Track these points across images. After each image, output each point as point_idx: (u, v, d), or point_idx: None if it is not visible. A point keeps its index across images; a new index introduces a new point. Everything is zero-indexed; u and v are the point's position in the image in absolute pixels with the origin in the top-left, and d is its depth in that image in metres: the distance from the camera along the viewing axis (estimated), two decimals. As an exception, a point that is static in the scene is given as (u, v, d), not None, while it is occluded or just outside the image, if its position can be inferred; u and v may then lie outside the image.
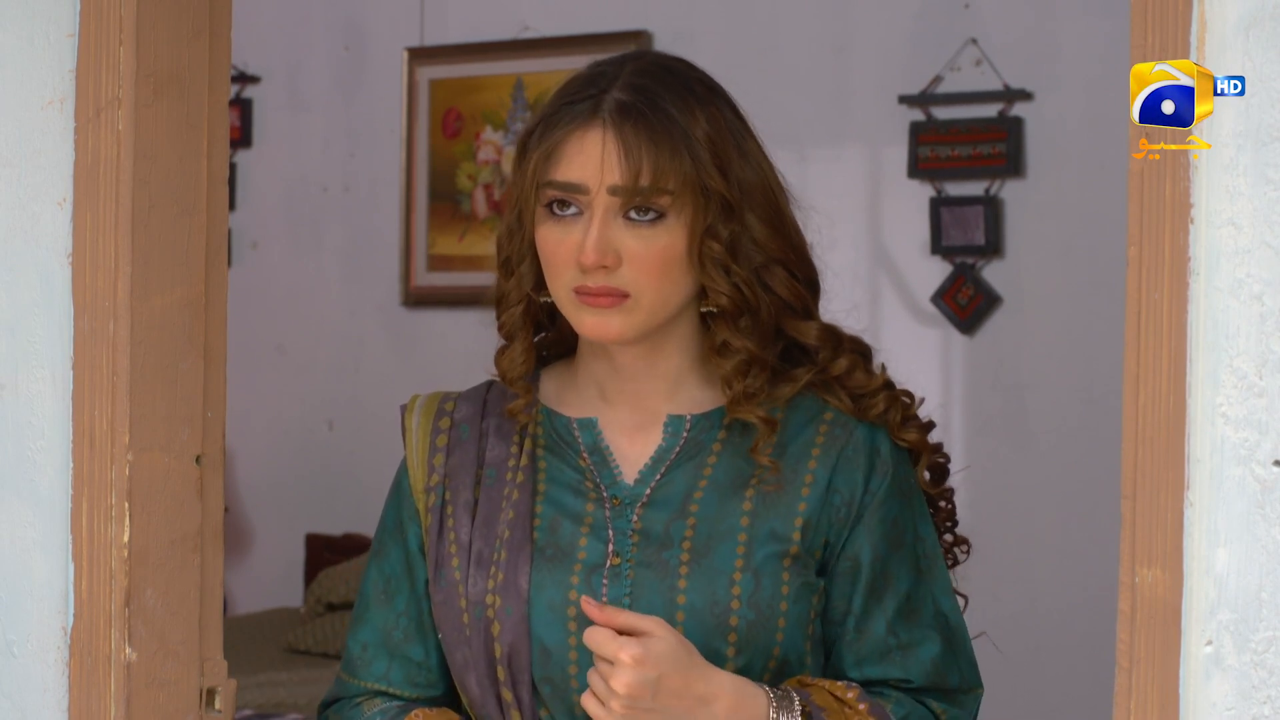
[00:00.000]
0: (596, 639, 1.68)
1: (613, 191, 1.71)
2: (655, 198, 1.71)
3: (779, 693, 1.72)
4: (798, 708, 1.71)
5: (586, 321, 1.75)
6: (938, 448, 1.87)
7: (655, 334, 1.78)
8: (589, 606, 1.69)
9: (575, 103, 1.74)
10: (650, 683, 1.66)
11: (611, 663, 1.67)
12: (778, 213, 1.79)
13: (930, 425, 1.87)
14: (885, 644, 1.79)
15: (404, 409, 1.90)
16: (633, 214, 1.72)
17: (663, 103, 1.73)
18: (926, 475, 1.87)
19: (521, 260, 1.81)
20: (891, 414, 1.83)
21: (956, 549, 1.93)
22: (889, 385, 1.84)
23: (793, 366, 1.84)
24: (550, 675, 1.76)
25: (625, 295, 1.73)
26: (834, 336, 1.84)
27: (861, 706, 1.74)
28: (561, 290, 1.76)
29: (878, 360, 1.88)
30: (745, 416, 1.78)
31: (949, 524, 1.92)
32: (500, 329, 1.85)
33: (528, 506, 1.80)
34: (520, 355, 1.83)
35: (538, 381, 1.88)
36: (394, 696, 1.86)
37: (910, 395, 1.86)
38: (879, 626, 1.78)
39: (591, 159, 1.72)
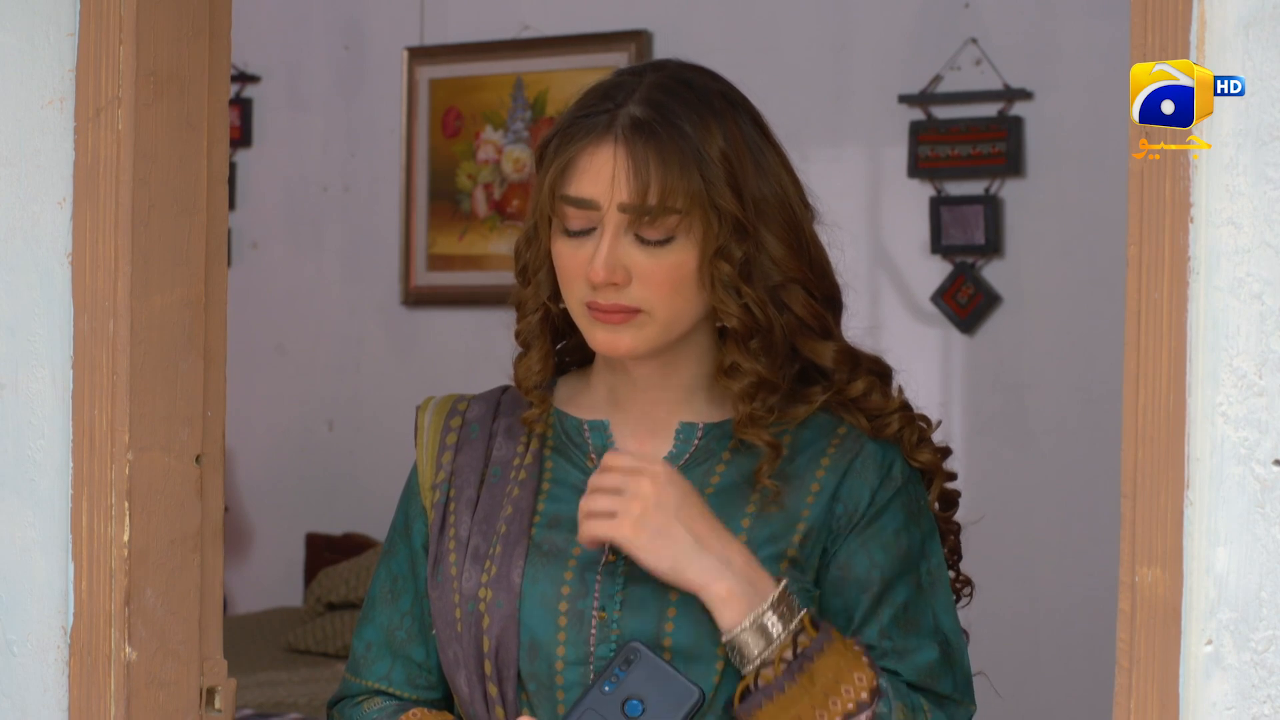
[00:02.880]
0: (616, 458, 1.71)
1: (622, 209, 1.70)
2: (663, 216, 1.70)
3: (786, 594, 1.70)
4: (799, 613, 1.69)
5: (598, 337, 1.75)
6: (951, 476, 1.86)
7: (670, 347, 1.78)
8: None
9: (592, 115, 1.73)
10: (676, 490, 1.69)
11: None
12: (796, 230, 1.76)
13: (946, 451, 1.85)
14: (880, 648, 1.76)
15: (419, 409, 1.91)
16: (643, 231, 1.71)
17: (677, 120, 1.71)
18: (936, 505, 1.85)
19: (539, 268, 1.80)
20: (906, 434, 1.81)
21: (961, 589, 1.91)
22: (906, 407, 1.82)
23: (808, 385, 1.82)
24: (536, 671, 1.75)
25: (637, 310, 1.73)
26: (851, 358, 1.81)
27: (858, 649, 1.72)
28: (574, 303, 1.76)
29: (896, 378, 1.86)
30: (751, 439, 1.76)
31: (954, 558, 1.90)
32: (517, 336, 1.85)
33: (529, 504, 1.80)
34: (536, 364, 1.82)
35: (553, 387, 1.88)
36: (394, 697, 1.86)
37: (927, 419, 1.85)
38: (872, 634, 1.76)
39: (603, 175, 1.71)
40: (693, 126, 1.72)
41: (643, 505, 1.68)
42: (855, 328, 1.88)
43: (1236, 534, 1.46)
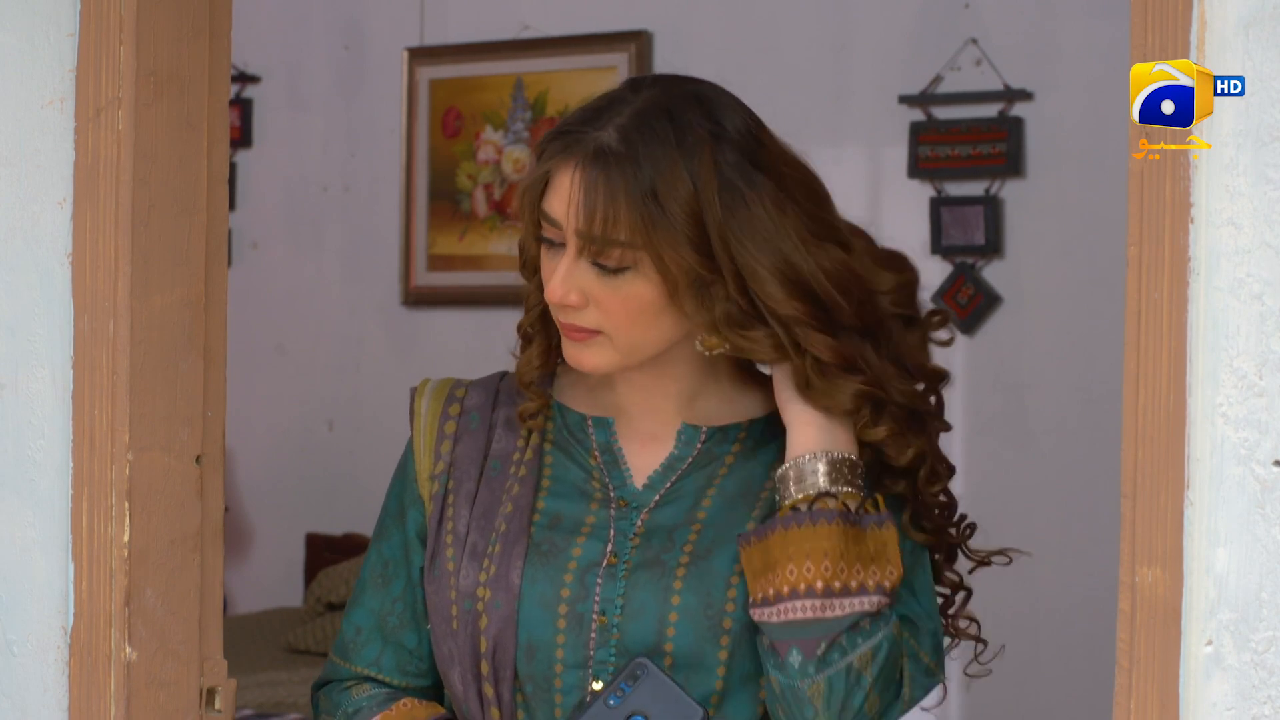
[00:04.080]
0: None
1: (576, 233, 1.70)
2: (608, 249, 1.69)
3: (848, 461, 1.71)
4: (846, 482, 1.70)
5: (567, 350, 1.76)
6: (957, 525, 1.82)
7: (658, 359, 1.77)
8: None
9: (574, 132, 1.72)
10: None
11: None
12: (792, 270, 1.70)
13: (952, 504, 1.82)
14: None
15: (414, 391, 1.89)
16: (598, 259, 1.70)
17: (639, 158, 1.68)
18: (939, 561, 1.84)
19: (540, 266, 1.80)
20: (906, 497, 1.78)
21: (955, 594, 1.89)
22: (913, 469, 1.77)
23: None
24: (533, 673, 1.75)
25: (596, 332, 1.72)
26: (875, 401, 1.74)
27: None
28: (552, 311, 1.76)
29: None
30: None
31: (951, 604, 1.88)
32: (519, 329, 1.85)
33: (528, 501, 1.79)
34: (536, 358, 1.82)
35: (553, 377, 1.87)
36: (383, 683, 1.85)
37: (946, 468, 1.79)
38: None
39: (563, 197, 1.71)
40: (655, 166, 1.68)
41: None
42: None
43: (1236, 534, 1.46)
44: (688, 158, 1.69)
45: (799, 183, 1.75)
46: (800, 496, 1.69)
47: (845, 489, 1.69)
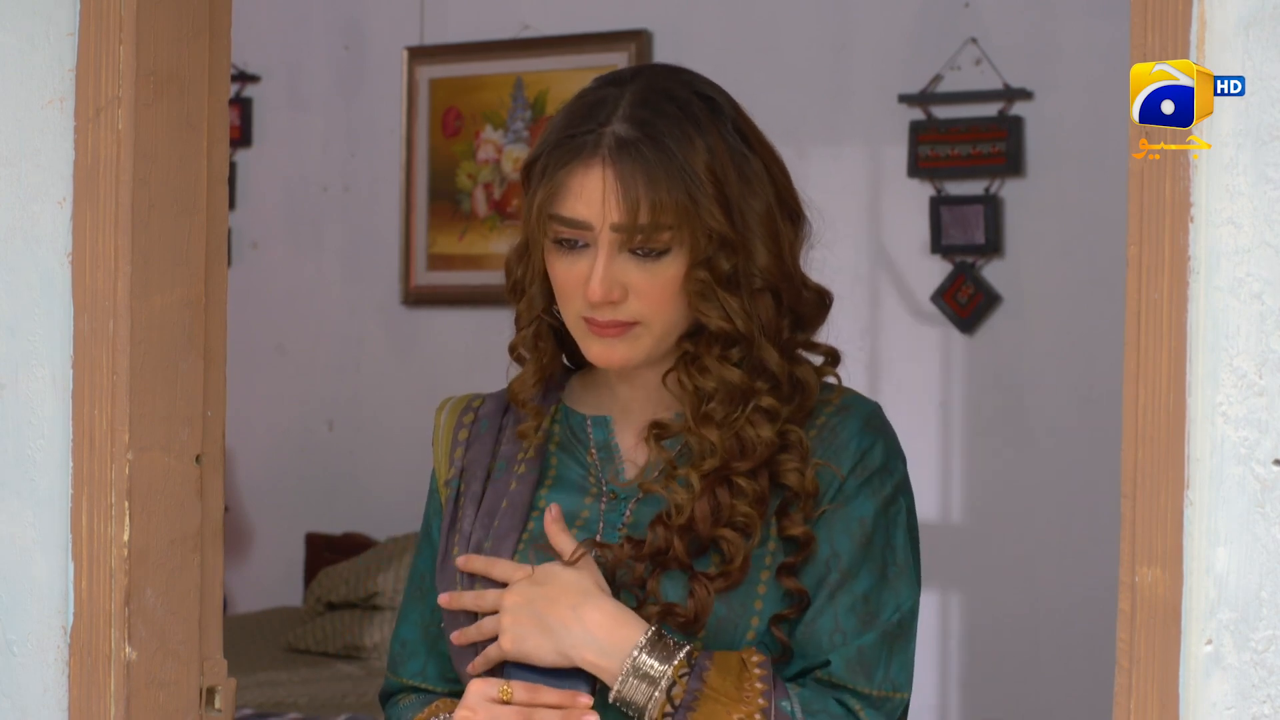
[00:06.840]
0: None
1: (615, 229, 1.71)
2: (656, 234, 1.71)
3: (658, 633, 1.71)
4: (677, 651, 1.70)
5: (593, 349, 1.76)
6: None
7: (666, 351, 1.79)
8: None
9: (578, 135, 1.73)
10: (525, 590, 1.74)
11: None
12: (779, 239, 1.77)
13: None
14: (830, 641, 1.74)
15: (437, 410, 1.93)
16: (637, 249, 1.72)
17: (662, 137, 1.72)
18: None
19: (531, 283, 1.81)
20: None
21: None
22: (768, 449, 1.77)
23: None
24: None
25: (634, 324, 1.74)
26: (791, 379, 1.78)
27: (757, 672, 1.71)
28: (571, 316, 1.77)
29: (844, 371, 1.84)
30: (705, 436, 1.75)
31: None
32: (511, 351, 1.86)
33: (526, 498, 1.82)
34: (530, 377, 1.84)
35: (565, 385, 1.89)
36: (430, 692, 1.88)
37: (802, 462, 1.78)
38: (827, 624, 1.74)
39: (593, 197, 1.71)
40: (677, 142, 1.72)
41: (510, 618, 1.74)
42: (855, 328, 1.87)
43: (1236, 534, 1.46)
44: (699, 130, 1.74)
45: (773, 157, 1.81)
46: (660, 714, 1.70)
47: (659, 690, 1.70)
